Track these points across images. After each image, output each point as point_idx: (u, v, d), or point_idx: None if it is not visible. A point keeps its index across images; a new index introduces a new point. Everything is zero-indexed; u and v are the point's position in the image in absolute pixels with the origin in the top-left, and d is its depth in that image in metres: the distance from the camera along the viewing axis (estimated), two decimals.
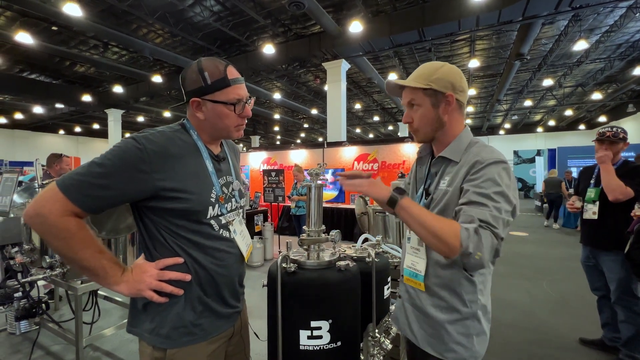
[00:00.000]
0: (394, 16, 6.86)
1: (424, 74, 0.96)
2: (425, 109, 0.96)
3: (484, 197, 0.83)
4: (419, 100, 0.97)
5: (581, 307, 3.34)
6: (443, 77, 0.94)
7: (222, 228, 0.96)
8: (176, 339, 0.87)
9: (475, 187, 0.85)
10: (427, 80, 0.94)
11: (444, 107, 0.96)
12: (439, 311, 0.96)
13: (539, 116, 19.67)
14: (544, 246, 6.15)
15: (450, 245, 0.78)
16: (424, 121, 0.98)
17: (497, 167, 0.86)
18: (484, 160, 0.88)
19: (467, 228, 0.78)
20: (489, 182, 0.84)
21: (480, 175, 0.86)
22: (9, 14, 7.05)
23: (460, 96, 0.96)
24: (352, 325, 1.14)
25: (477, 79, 12.24)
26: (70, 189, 0.76)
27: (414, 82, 0.96)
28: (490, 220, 0.79)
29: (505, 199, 0.83)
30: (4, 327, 2.53)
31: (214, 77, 0.90)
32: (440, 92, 0.94)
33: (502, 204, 0.82)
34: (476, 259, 0.77)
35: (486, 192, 0.83)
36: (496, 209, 0.81)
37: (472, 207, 0.82)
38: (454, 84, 0.95)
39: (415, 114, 0.98)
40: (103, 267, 0.82)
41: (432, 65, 0.97)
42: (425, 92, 0.95)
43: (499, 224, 0.80)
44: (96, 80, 11.45)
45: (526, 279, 4.31)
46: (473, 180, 0.87)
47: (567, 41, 8.42)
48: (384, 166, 6.31)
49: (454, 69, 0.97)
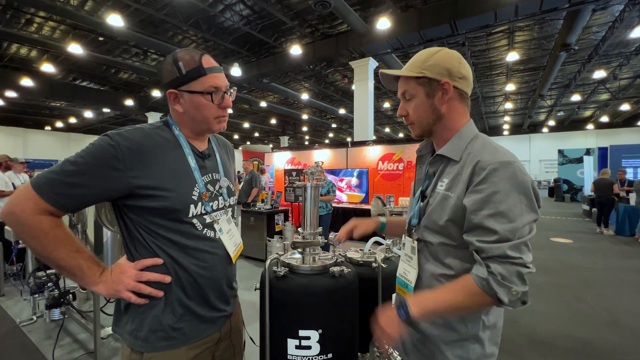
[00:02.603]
0: (424, 10, 6.60)
1: (417, 61, 0.86)
2: (419, 99, 0.86)
3: (495, 218, 0.72)
4: (412, 90, 0.87)
5: (633, 326, 2.95)
6: (438, 62, 0.83)
7: (206, 227, 0.93)
8: (154, 342, 0.85)
9: (482, 203, 0.74)
10: (420, 68, 0.84)
11: (440, 96, 0.84)
12: (433, 327, 0.85)
13: (590, 112, 17.97)
14: (591, 255, 5.55)
15: (483, 304, 0.74)
16: (419, 113, 0.87)
17: (504, 171, 0.74)
18: (486, 165, 0.75)
19: (479, 275, 0.72)
20: (499, 195, 0.73)
21: (485, 187, 0.74)
22: (63, 27, 7.79)
23: (459, 84, 0.84)
24: (346, 337, 1.06)
25: (517, 73, 11.44)
26: (42, 187, 0.76)
27: (407, 70, 0.86)
28: (510, 253, 0.70)
29: (522, 212, 0.72)
30: (40, 314, 2.75)
31: (189, 66, 0.88)
32: (434, 80, 0.83)
33: (519, 220, 0.71)
34: (516, 297, 0.70)
35: (497, 210, 0.72)
36: (514, 231, 0.71)
37: (484, 241, 0.72)
38: (450, 70, 0.83)
39: (410, 106, 0.88)
40: (80, 267, 0.81)
41: (427, 52, 0.86)
42: (419, 80, 0.85)
43: (522, 251, 0.71)
44: (137, 86, 12.32)
45: (568, 291, 3.90)
46: (478, 193, 0.75)
47: (623, 28, 7.58)
48: (409, 166, 6.06)
49: (452, 53, 0.85)
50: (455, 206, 0.79)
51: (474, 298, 0.72)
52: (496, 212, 0.72)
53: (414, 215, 0.90)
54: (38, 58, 9.49)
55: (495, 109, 16.55)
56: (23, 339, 2.56)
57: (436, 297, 0.77)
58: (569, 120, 19.54)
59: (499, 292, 0.69)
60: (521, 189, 0.73)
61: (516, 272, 0.70)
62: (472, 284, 0.72)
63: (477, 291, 0.72)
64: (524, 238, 0.71)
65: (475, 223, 0.74)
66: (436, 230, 0.84)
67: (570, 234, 7.53)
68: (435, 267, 0.85)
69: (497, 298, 0.70)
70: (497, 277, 0.69)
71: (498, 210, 0.72)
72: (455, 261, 0.82)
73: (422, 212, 0.88)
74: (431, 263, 0.86)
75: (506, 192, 0.72)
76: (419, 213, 0.89)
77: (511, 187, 0.73)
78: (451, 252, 0.82)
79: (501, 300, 0.70)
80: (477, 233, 0.74)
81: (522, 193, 0.73)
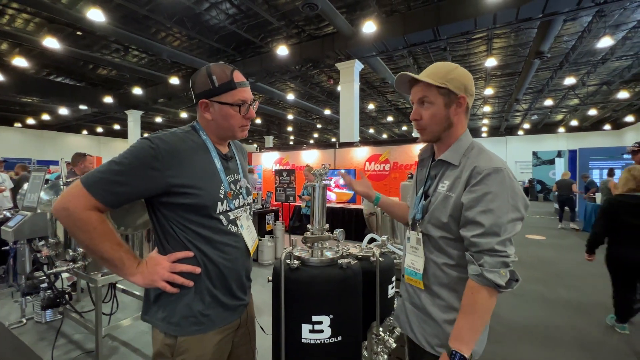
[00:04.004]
0: (408, 15, 6.80)
1: (440, 72, 0.96)
2: (437, 107, 0.97)
3: (486, 214, 0.85)
4: (432, 97, 0.97)
5: (600, 314, 3.24)
6: (458, 78, 0.96)
7: (230, 223, 1.02)
8: (186, 327, 0.93)
9: (475, 201, 0.87)
10: (443, 79, 0.95)
11: (455, 108, 0.97)
12: (437, 310, 0.98)
13: (561, 116, 18.96)
14: (562, 250, 5.95)
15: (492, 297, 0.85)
16: (434, 120, 0.98)
17: (496, 176, 0.87)
18: (482, 170, 0.89)
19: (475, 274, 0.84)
20: (490, 195, 0.86)
21: (479, 188, 0.88)
22: (38, 20, 7.42)
23: (470, 100, 0.99)
24: (353, 321, 1.17)
25: (495, 78, 11.95)
26: (92, 185, 0.84)
27: (430, 78, 0.96)
28: (497, 247, 0.83)
29: (508, 211, 0.85)
30: (31, 316, 2.70)
31: (221, 80, 0.97)
32: (453, 93, 0.96)
33: (505, 217, 0.84)
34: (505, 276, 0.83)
35: (487, 207, 0.85)
36: (500, 227, 0.84)
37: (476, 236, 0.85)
38: (467, 87, 0.97)
39: (426, 112, 0.98)
40: (121, 259, 0.89)
41: (448, 65, 0.98)
42: (440, 90, 0.96)
43: (506, 246, 0.84)
44: (117, 83, 11.90)
45: (541, 283, 4.19)
46: (473, 193, 0.88)
47: (590, 38, 8.10)
48: (395, 167, 6.27)
49: (467, 73, 0.99)
50: (455, 204, 0.92)
51: (483, 296, 0.84)
52: (487, 209, 0.85)
53: (418, 211, 1.03)
54: (9, 52, 9.02)
55: (475, 112, 17.18)
56: (15, 341, 2.51)
57: (465, 325, 0.86)
58: (542, 123, 20.54)
59: (493, 279, 0.82)
60: (509, 192, 0.87)
61: (502, 263, 0.83)
62: (474, 287, 0.85)
63: (480, 289, 0.84)
64: (508, 234, 0.84)
65: (469, 218, 0.87)
66: (439, 226, 0.96)
67: (544, 231, 8.02)
68: (438, 257, 0.98)
69: (494, 284, 0.82)
70: (486, 267, 0.83)
71: (488, 207, 0.85)
72: (454, 252, 0.95)
73: (425, 209, 1.01)
74: (434, 254, 0.99)
75: (496, 194, 0.86)
76: (422, 210, 1.01)
77: (501, 189, 0.86)
78: (451, 244, 0.95)
79: (498, 284, 0.82)
80: (470, 228, 0.87)
81: (510, 195, 0.86)
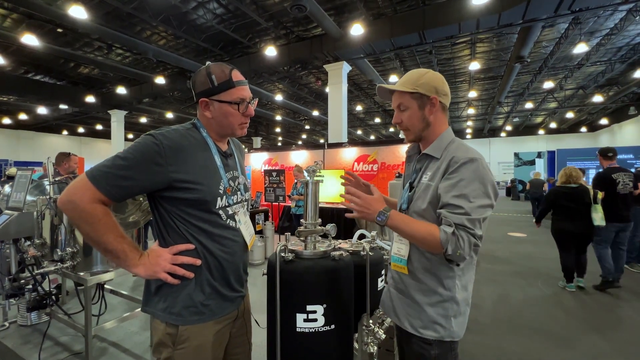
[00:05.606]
0: (395, 19, 6.94)
1: (411, 79, 1.07)
2: (413, 110, 1.08)
3: (459, 198, 0.93)
4: (406, 103, 1.08)
5: (576, 306, 3.41)
6: (428, 82, 1.05)
7: (229, 218, 1.06)
8: (187, 317, 0.97)
9: (451, 187, 0.95)
10: (414, 85, 1.06)
11: (429, 108, 1.07)
12: (420, 294, 1.05)
13: (541, 118, 19.69)
14: (541, 247, 6.20)
15: (433, 247, 0.94)
16: (412, 121, 1.09)
17: (471, 165, 0.96)
18: (459, 160, 0.97)
19: (446, 231, 0.91)
20: (464, 182, 0.94)
21: (455, 176, 0.96)
22: (15, 16, 7.15)
23: (443, 99, 1.08)
24: (345, 310, 1.22)
25: (478, 82, 12.32)
26: (98, 179, 0.87)
27: (403, 87, 1.07)
28: (467, 223, 0.90)
29: (478, 197, 0.93)
30: (14, 319, 2.63)
31: (220, 79, 1.00)
32: (425, 96, 1.05)
33: (476, 202, 0.92)
34: (457, 256, 0.90)
35: (461, 192, 0.93)
36: (471, 209, 0.91)
37: (450, 212, 0.93)
38: (437, 88, 1.06)
39: (404, 115, 1.10)
40: (124, 251, 0.91)
41: (418, 72, 1.08)
42: (413, 95, 1.07)
43: (475, 225, 0.91)
44: (100, 82, 11.58)
45: (522, 277, 4.37)
46: (449, 179, 0.97)
47: (567, 44, 8.49)
48: (383, 167, 6.38)
49: (437, 75, 1.08)
50: (434, 191, 1.01)
51: (429, 239, 0.93)
52: (460, 194, 0.94)
53: (404, 201, 1.12)
54: None
55: (459, 114, 17.63)
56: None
57: (409, 222, 0.98)
58: (523, 125, 21.28)
59: (450, 248, 0.90)
60: (481, 180, 0.95)
61: (471, 243, 0.90)
62: (436, 231, 0.93)
63: (435, 237, 0.92)
64: (478, 216, 0.92)
65: (445, 202, 0.95)
66: (419, 214, 1.05)
67: (524, 229, 8.32)
68: None
69: (445, 251, 0.91)
70: (457, 238, 0.89)
71: (462, 192, 0.93)
72: None
73: (410, 199, 1.09)
74: None
75: (469, 180, 0.94)
76: (407, 200, 1.10)
77: (474, 177, 0.95)
78: None
79: (447, 251, 0.90)
80: (447, 208, 0.95)
81: (481, 182, 0.95)
